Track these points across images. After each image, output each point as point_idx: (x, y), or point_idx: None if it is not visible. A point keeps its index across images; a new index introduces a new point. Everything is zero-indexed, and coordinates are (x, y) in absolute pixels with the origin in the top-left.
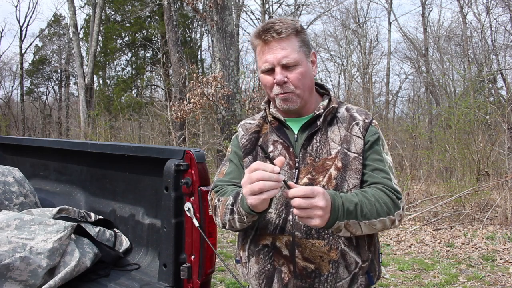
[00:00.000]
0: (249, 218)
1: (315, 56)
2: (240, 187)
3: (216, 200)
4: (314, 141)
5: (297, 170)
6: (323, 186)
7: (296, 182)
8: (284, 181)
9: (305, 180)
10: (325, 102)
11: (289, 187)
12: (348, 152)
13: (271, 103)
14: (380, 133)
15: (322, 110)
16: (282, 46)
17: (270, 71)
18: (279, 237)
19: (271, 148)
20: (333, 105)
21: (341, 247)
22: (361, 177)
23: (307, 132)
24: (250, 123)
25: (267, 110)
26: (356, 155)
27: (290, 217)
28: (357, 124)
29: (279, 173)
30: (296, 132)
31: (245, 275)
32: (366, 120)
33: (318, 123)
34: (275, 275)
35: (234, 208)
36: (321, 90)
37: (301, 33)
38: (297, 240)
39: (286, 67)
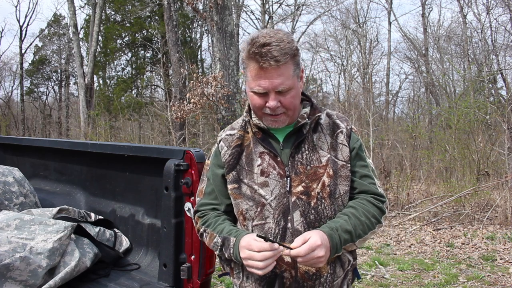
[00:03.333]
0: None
1: (302, 72)
2: (219, 210)
3: (201, 225)
4: (303, 149)
5: (288, 178)
6: (318, 193)
7: (290, 190)
8: (281, 244)
9: (299, 188)
10: (307, 110)
11: (289, 248)
12: (336, 160)
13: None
14: (360, 139)
15: (307, 119)
16: (279, 73)
17: (263, 93)
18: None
19: (258, 161)
20: (317, 114)
21: None
22: (351, 183)
23: (293, 141)
24: (230, 135)
25: (250, 122)
26: (344, 163)
27: (289, 225)
28: (341, 132)
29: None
30: (281, 141)
31: (237, 286)
32: (348, 127)
33: (305, 131)
34: (277, 281)
35: (226, 254)
36: (301, 96)
37: (296, 56)
38: None
39: (280, 92)
